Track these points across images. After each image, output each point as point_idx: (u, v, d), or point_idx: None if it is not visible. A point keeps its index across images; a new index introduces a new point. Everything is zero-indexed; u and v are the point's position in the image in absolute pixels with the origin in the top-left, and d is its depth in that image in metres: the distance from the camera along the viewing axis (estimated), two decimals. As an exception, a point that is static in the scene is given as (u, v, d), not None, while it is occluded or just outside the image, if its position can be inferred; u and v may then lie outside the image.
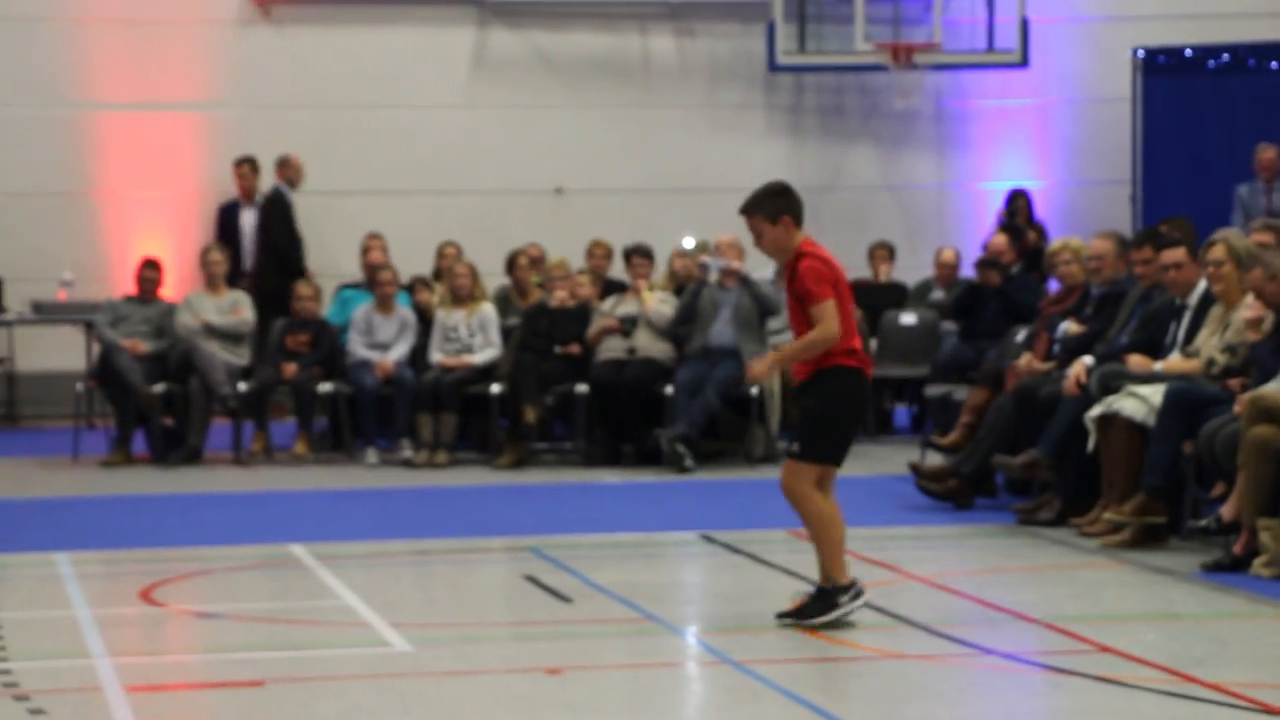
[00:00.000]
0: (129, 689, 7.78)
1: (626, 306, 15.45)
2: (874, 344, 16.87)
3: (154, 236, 18.62)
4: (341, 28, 19.46)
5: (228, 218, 18.45)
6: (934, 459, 13.26)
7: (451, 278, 15.72)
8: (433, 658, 8.35)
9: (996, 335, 14.57)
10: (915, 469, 12.87)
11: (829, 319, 8.68)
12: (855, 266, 18.52)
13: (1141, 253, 12.07)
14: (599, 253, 16.64)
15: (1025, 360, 12.72)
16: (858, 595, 8.77)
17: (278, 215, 18.09)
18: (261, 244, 18.27)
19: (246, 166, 18.47)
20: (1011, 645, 8.51)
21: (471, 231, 18.29)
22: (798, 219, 8.88)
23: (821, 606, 8.75)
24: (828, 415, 8.82)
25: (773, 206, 8.88)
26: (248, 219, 18.42)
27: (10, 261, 18.29)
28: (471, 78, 19.73)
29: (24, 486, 14.23)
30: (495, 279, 17.16)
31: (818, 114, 20.33)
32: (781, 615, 8.82)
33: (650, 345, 15.24)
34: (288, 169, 18.27)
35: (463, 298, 15.54)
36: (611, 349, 15.26)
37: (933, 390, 14.80)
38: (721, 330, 14.99)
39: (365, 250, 16.75)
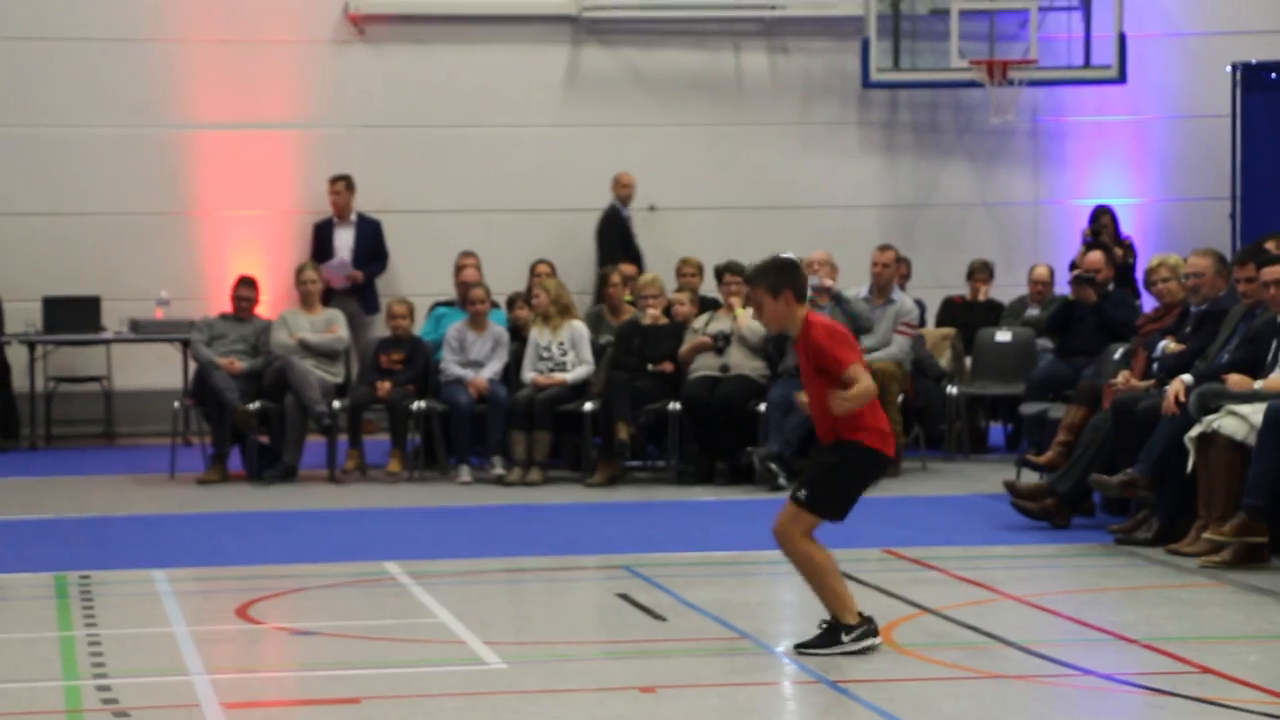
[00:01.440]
0: (226, 705, 7.81)
1: (719, 324, 15.43)
2: (969, 362, 16.78)
3: (249, 255, 18.74)
4: (435, 46, 19.54)
5: (322, 236, 18.57)
6: (1030, 478, 13.16)
7: (544, 295, 15.74)
8: (527, 675, 8.35)
9: (1093, 353, 14.45)
10: (1011, 488, 12.77)
11: (863, 376, 8.60)
12: (950, 284, 18.47)
13: (1244, 270, 11.93)
14: (689, 270, 16.61)
15: (1123, 378, 12.60)
16: (867, 634, 8.65)
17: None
18: (357, 261, 18.37)
19: (341, 184, 18.58)
20: (1110, 666, 8.42)
21: (564, 249, 18.33)
22: (799, 295, 8.75)
23: (827, 640, 8.67)
24: (846, 478, 8.72)
25: (775, 280, 8.76)
26: (343, 237, 18.53)
27: (108, 280, 18.46)
28: (565, 96, 19.77)
29: (121, 504, 14.34)
30: (589, 297, 17.19)
31: (912, 130, 20.26)
32: (798, 646, 8.74)
33: (743, 363, 15.21)
34: (620, 187, 18.83)
35: (549, 316, 15.51)
36: (704, 366, 15.23)
37: (1028, 408, 14.70)
38: (814, 348, 14.90)
39: (459, 268, 16.80)
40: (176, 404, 16.25)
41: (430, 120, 19.43)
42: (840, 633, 8.65)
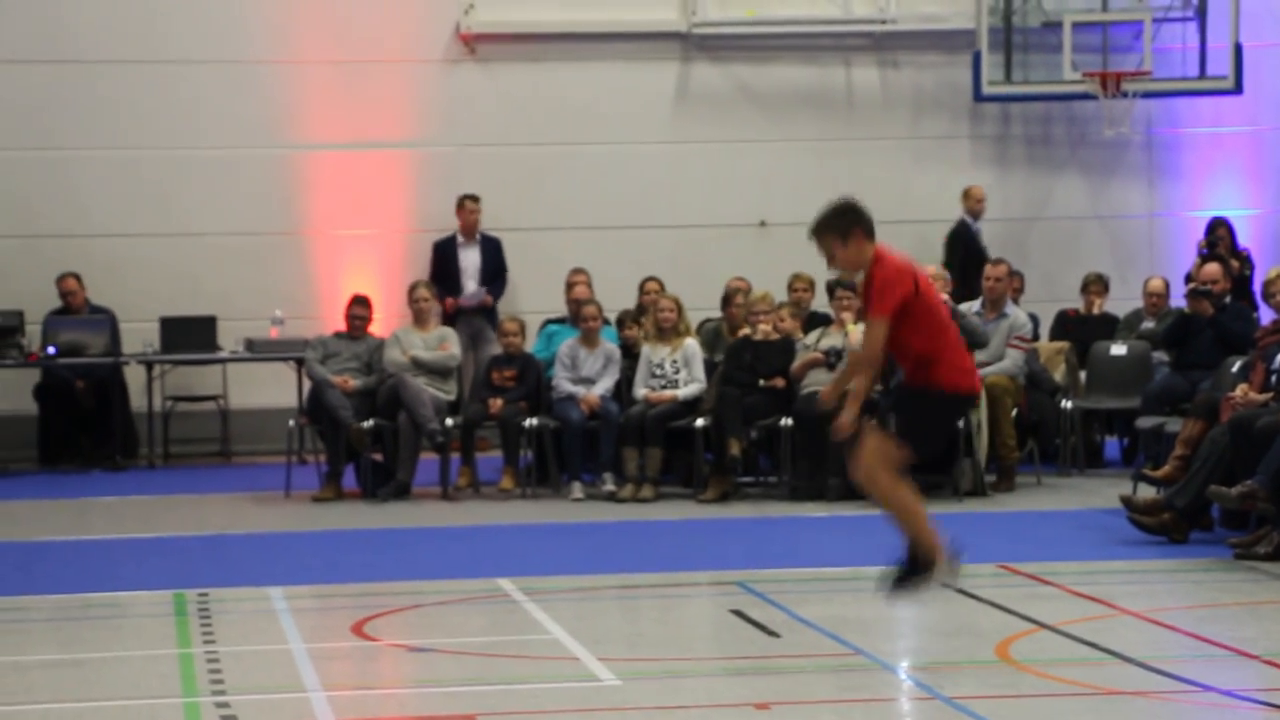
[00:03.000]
0: (342, 721, 7.86)
1: (830, 339, 15.38)
2: (1083, 376, 16.64)
3: (362, 273, 18.86)
4: (546, 65, 19.61)
5: (445, 254, 18.65)
6: (1146, 492, 13.03)
7: (655, 312, 15.75)
8: (640, 692, 8.35)
9: (1210, 366, 14.30)
10: (1127, 502, 12.65)
11: (872, 338, 8.53)
12: (1064, 297, 18.32)
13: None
14: (800, 286, 16.56)
15: (1241, 391, 12.46)
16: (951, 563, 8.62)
17: None
18: (482, 278, 18.46)
19: (472, 202, 18.67)
20: (1230, 682, 8.32)
21: (675, 266, 18.32)
22: (869, 232, 8.70)
23: (918, 575, 8.61)
24: (930, 418, 8.67)
25: (842, 224, 8.72)
26: (468, 256, 18.61)
27: (224, 300, 18.63)
28: (675, 112, 19.79)
29: (238, 522, 14.47)
30: (699, 313, 17.16)
31: (1024, 143, 20.13)
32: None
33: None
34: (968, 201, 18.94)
35: (666, 331, 15.57)
36: (816, 382, 15.17)
37: (1144, 422, 14.55)
38: (927, 363, 14.83)
39: (569, 286, 16.84)
40: (291, 422, 16.37)
41: (541, 138, 19.50)
42: (930, 570, 8.55)
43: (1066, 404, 16.19)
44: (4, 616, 10.56)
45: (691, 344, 15.62)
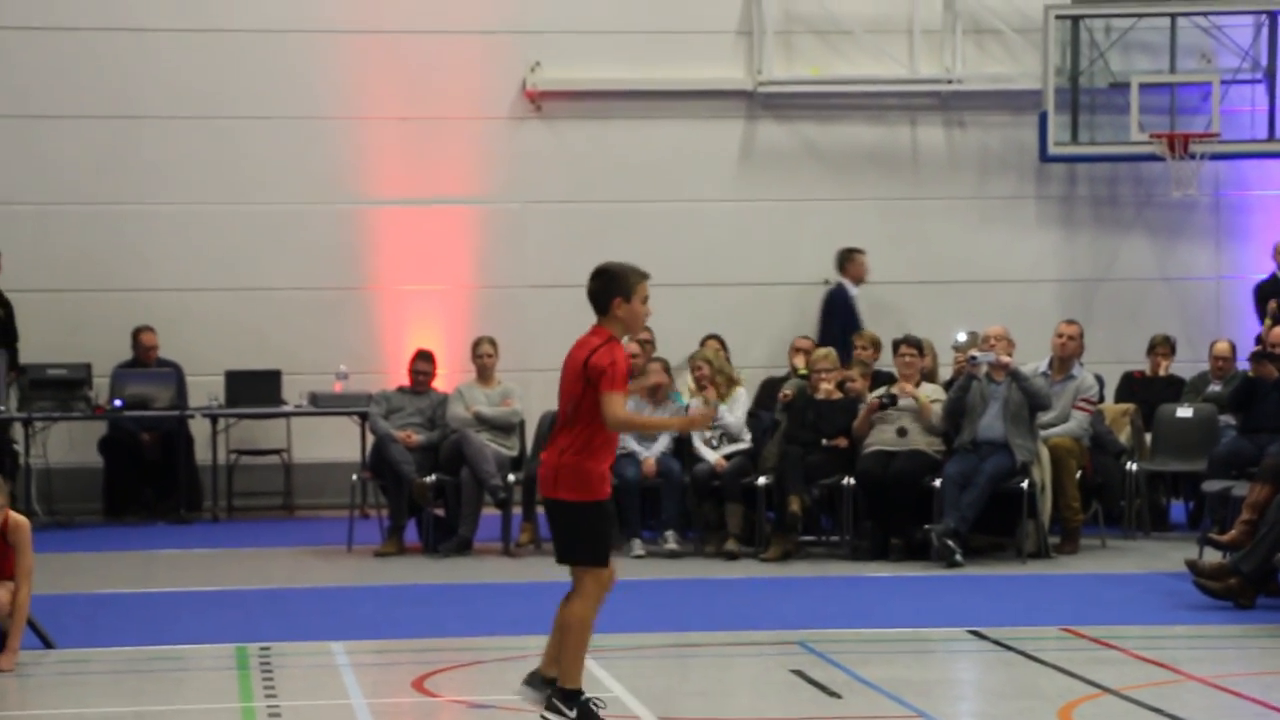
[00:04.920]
0: (401, 778, 7.85)
1: (894, 393, 15.32)
2: (1149, 438, 16.54)
3: (426, 328, 18.93)
4: (611, 122, 19.68)
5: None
6: (1212, 556, 12.92)
7: (693, 371, 15.76)
8: (701, 752, 8.31)
9: (1277, 429, 14.20)
10: (1193, 566, 12.55)
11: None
12: (1129, 359, 18.22)
13: None
14: (862, 344, 16.52)
15: (1308, 456, 12.36)
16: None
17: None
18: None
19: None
20: (1297, 751, 8.24)
21: (739, 323, 18.33)
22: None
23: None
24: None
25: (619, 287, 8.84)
26: None
27: (288, 354, 18.72)
28: (740, 170, 19.82)
29: (300, 576, 14.50)
30: (762, 371, 17.16)
31: (1091, 204, 20.08)
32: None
33: (918, 438, 15.10)
34: (853, 266, 18.93)
35: (705, 386, 15.51)
36: (880, 441, 15.13)
37: (1210, 485, 14.45)
38: (991, 424, 14.80)
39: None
40: (354, 476, 16.42)
41: (605, 195, 19.56)
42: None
43: (1132, 466, 16.09)
44: (68, 668, 10.60)
45: (741, 393, 15.64)
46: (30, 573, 10.53)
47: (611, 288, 8.72)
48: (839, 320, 18.71)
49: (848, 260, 19.16)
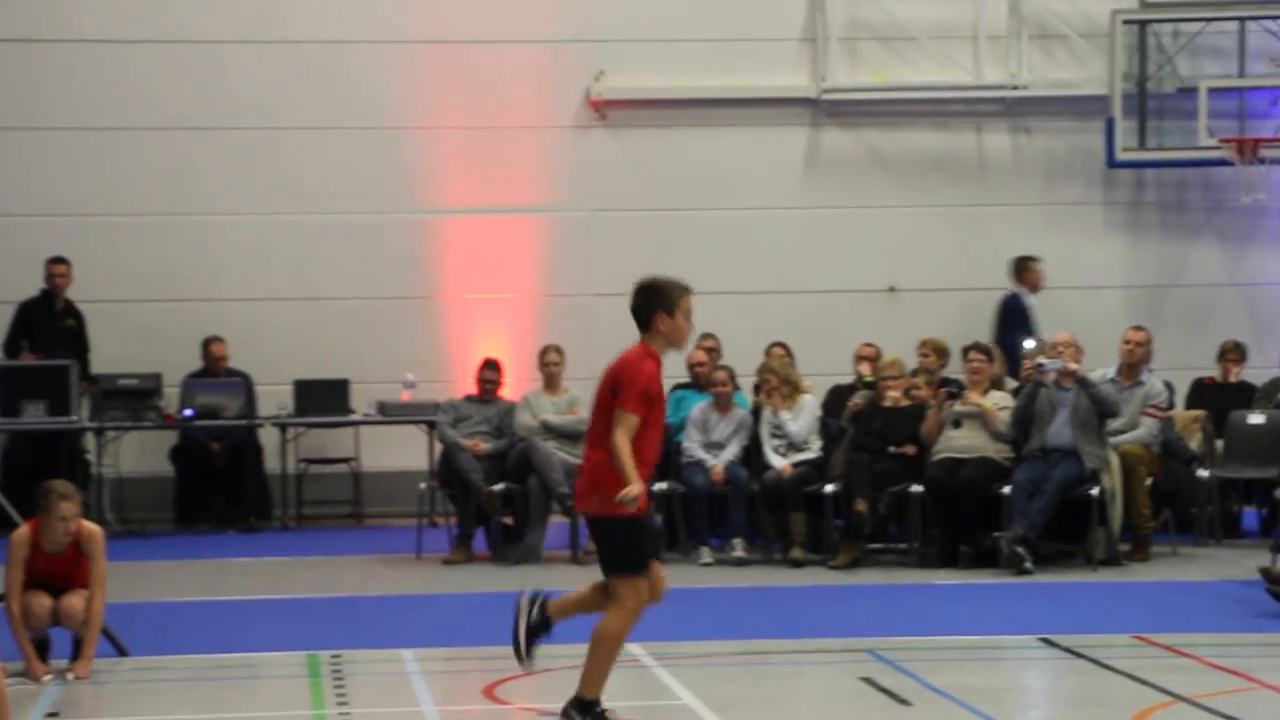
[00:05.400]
0: (473, 785, 7.88)
1: (964, 405, 15.28)
2: (1220, 445, 16.44)
3: (493, 337, 18.99)
4: (676, 130, 19.70)
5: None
6: (1285, 563, 12.84)
7: (761, 380, 15.77)
8: (772, 760, 8.31)
9: (1350, 435, 14.10)
10: (1265, 574, 12.47)
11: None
12: (1199, 365, 18.13)
13: None
14: (925, 352, 16.43)
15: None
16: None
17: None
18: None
19: None
20: (1373, 759, 8.18)
21: (804, 331, 18.30)
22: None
23: None
24: None
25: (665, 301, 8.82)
26: None
27: (356, 363, 18.80)
28: (805, 177, 19.81)
29: (370, 584, 14.56)
30: (827, 379, 17.13)
31: (1159, 210, 19.98)
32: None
33: (986, 445, 15.05)
34: (1028, 274, 18.73)
35: (774, 393, 15.49)
36: (948, 447, 15.09)
37: (1283, 492, 14.36)
38: (1060, 431, 14.75)
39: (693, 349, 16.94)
40: (423, 485, 16.48)
41: (670, 203, 19.57)
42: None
43: (1203, 473, 16.00)
44: (142, 676, 10.68)
45: (809, 400, 15.62)
46: (104, 581, 10.62)
47: (654, 302, 8.73)
48: (1013, 329, 18.41)
49: (1023, 269, 18.92)
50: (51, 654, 10.65)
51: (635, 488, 8.32)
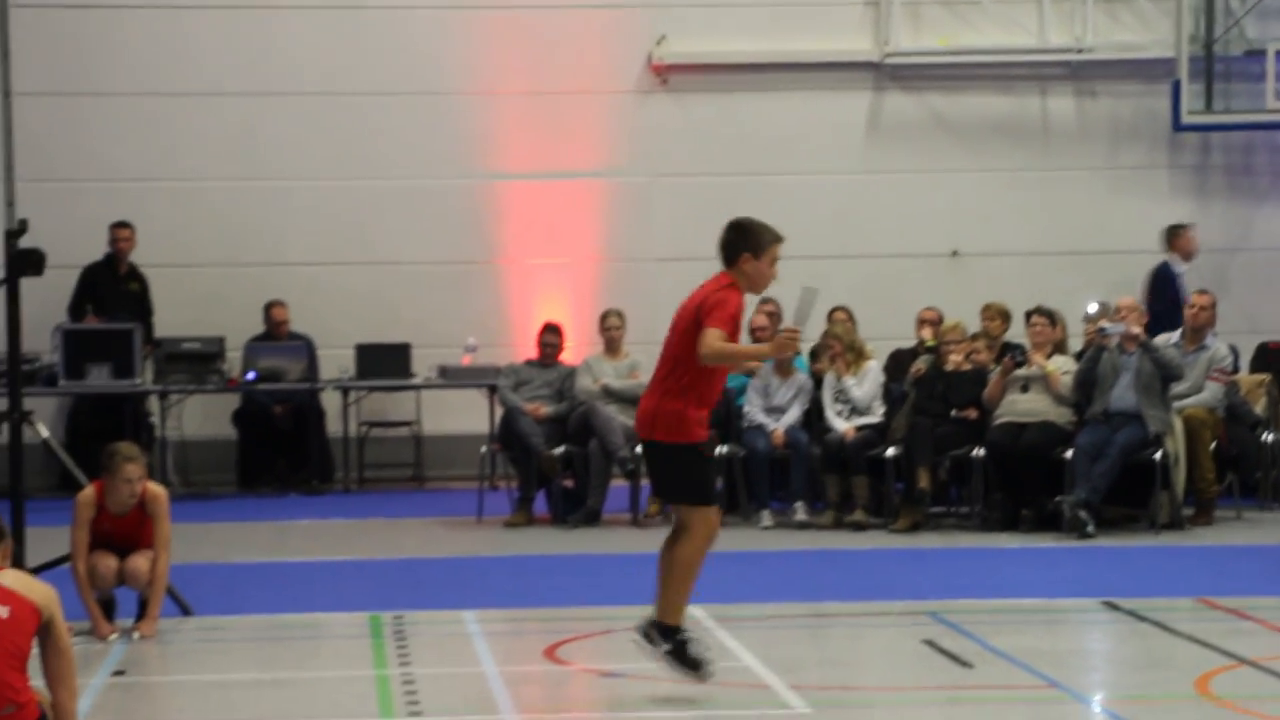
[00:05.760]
0: (535, 743, 7.91)
1: (1026, 370, 15.21)
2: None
3: (554, 301, 19.00)
4: (737, 95, 19.65)
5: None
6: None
7: (824, 345, 15.73)
8: (833, 720, 8.32)
9: None
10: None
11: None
12: (1266, 329, 18.02)
13: None
14: (990, 316, 16.33)
15: None
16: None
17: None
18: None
19: None
20: None
21: (866, 296, 18.24)
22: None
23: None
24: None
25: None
26: None
27: (418, 328, 18.83)
28: (867, 142, 19.73)
29: (432, 546, 14.62)
30: (889, 343, 17.07)
31: (1225, 173, 19.83)
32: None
33: (1049, 409, 14.99)
34: (1181, 241, 18.32)
35: (838, 359, 15.45)
36: (1010, 411, 15.04)
37: (1348, 456, 14.26)
38: (1123, 394, 14.68)
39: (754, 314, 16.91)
40: (484, 449, 16.53)
41: (731, 168, 19.52)
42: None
43: (1268, 437, 15.89)
44: (206, 636, 10.75)
45: (873, 367, 15.58)
46: (168, 542, 10.68)
47: (742, 242, 8.77)
48: (1163, 297, 18.13)
49: (1175, 235, 18.58)
50: (117, 614, 10.73)
51: (766, 346, 8.35)
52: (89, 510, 10.61)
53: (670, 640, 8.62)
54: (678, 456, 8.70)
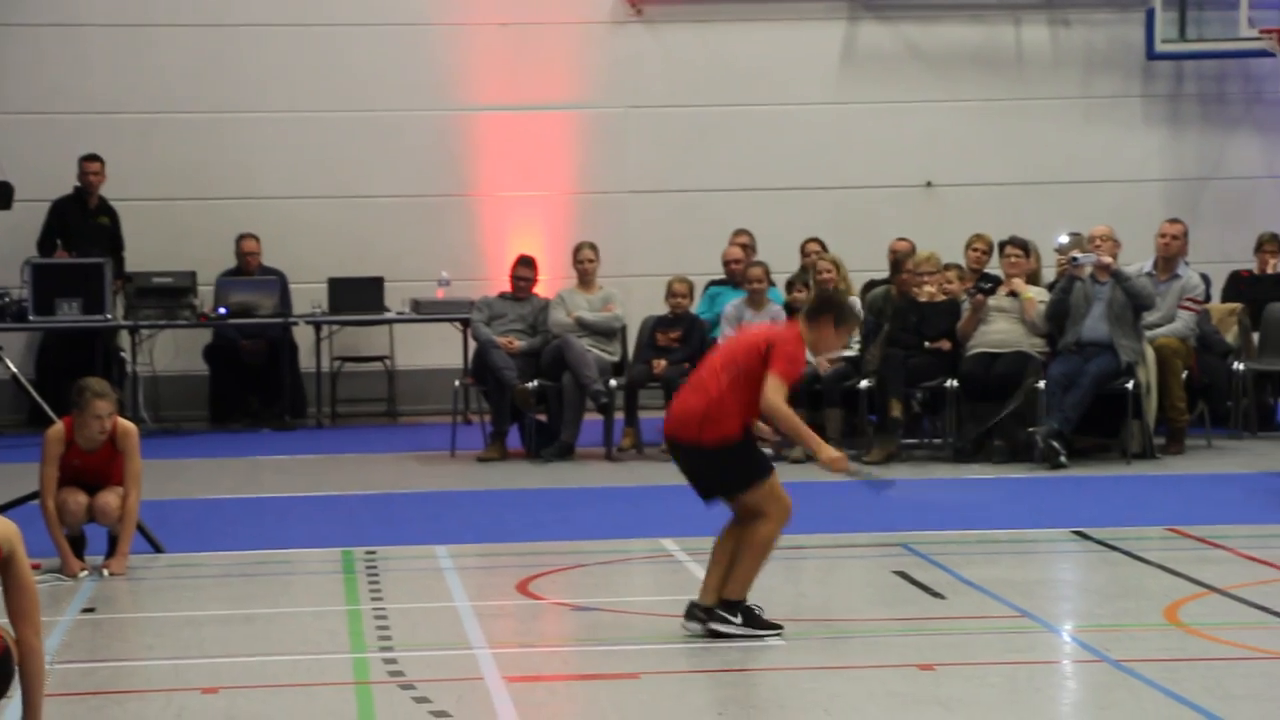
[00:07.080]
0: (507, 679, 7.93)
1: (998, 300, 15.21)
2: (1256, 337, 16.36)
3: (528, 234, 18.94)
4: (712, 25, 19.56)
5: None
6: (1320, 456, 12.80)
7: (814, 273, 15.68)
8: (804, 652, 8.34)
9: (1388, 327, 14.00)
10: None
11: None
12: (1236, 258, 18.01)
13: None
14: (980, 247, 16.31)
15: None
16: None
17: None
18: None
19: None
20: (1406, 650, 8.16)
21: (840, 227, 18.22)
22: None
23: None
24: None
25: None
26: None
27: (390, 262, 18.77)
28: (841, 72, 19.66)
29: (404, 481, 14.61)
30: (863, 275, 17.06)
31: (1198, 102, 19.79)
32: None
33: (1022, 339, 14.99)
34: None
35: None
36: (983, 342, 15.03)
37: (1318, 385, 14.29)
38: (1095, 325, 14.68)
39: (728, 246, 16.89)
40: (456, 383, 16.50)
41: (706, 99, 19.46)
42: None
43: (1238, 366, 15.93)
44: (178, 573, 10.74)
45: (853, 301, 15.54)
46: (139, 478, 10.65)
47: (832, 311, 9.00)
48: None
49: None
50: (87, 551, 10.70)
51: (828, 450, 8.74)
52: (58, 446, 10.57)
53: (739, 612, 8.62)
54: (729, 452, 8.71)
